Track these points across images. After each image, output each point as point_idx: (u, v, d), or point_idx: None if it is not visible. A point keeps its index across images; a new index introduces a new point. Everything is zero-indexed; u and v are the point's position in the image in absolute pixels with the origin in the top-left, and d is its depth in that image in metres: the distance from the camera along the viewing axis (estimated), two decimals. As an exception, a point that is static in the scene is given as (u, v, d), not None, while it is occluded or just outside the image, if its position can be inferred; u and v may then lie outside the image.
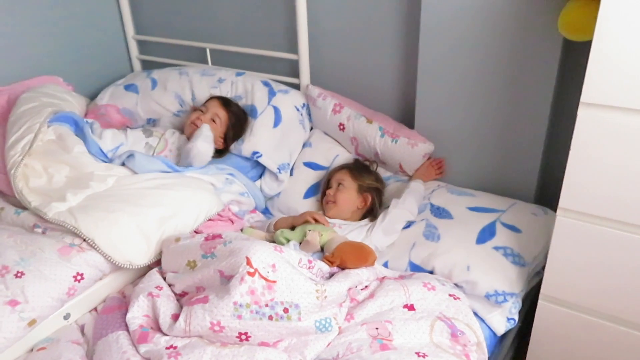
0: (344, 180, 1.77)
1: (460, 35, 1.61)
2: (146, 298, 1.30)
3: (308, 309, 1.23)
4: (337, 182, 1.77)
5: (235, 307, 1.20)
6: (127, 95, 2.16)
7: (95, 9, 2.36)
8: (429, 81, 1.73)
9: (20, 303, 1.23)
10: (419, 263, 1.52)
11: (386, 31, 1.84)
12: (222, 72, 2.14)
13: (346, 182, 1.76)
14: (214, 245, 1.37)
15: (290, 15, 1.98)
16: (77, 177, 1.59)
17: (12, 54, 2.11)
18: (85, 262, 1.37)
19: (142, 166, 1.68)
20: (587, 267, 1.26)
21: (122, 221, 1.47)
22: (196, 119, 1.93)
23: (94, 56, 2.39)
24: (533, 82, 1.56)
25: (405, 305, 1.33)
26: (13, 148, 1.62)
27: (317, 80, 2.05)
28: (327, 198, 1.77)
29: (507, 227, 1.55)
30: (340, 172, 1.81)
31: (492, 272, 1.43)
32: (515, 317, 1.41)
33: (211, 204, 1.67)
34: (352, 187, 1.75)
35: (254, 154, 1.91)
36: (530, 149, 1.66)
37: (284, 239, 1.54)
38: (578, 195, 1.20)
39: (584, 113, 1.12)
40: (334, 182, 1.78)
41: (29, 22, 2.14)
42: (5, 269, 1.28)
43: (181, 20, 2.34)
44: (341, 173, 1.80)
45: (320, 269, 1.41)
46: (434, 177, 1.84)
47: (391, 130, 1.85)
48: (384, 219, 1.62)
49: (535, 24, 1.48)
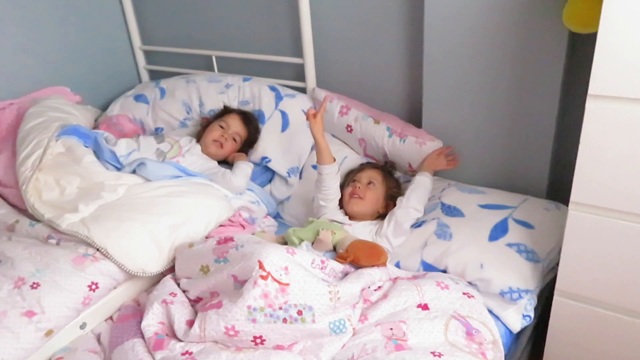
0: (375, 179, 1.72)
1: (464, 31, 1.60)
2: (160, 305, 1.31)
3: (322, 310, 1.23)
4: (368, 179, 1.72)
5: (249, 310, 1.20)
6: (137, 106, 2.18)
7: (102, 22, 2.40)
8: (435, 79, 1.73)
9: (36, 314, 1.25)
10: (431, 262, 1.52)
11: (390, 31, 1.85)
12: (228, 78, 2.16)
13: (377, 183, 1.72)
14: (227, 250, 1.38)
15: (294, 20, 1.99)
16: (88, 188, 1.61)
17: (22, 66, 2.15)
18: (99, 271, 1.39)
19: (154, 173, 1.70)
20: (602, 260, 1.25)
21: (133, 230, 1.48)
22: (220, 137, 1.92)
23: (102, 68, 2.43)
24: (540, 75, 1.55)
25: (419, 304, 1.33)
26: (24, 164, 1.66)
27: (323, 83, 2.06)
28: (356, 191, 1.68)
29: (520, 223, 1.54)
30: (372, 171, 1.76)
31: (506, 269, 1.42)
32: (531, 314, 1.40)
33: (222, 209, 1.68)
34: (381, 189, 1.71)
35: (263, 159, 1.92)
36: (539, 143, 1.65)
37: (296, 238, 1.55)
38: (589, 189, 1.19)
39: (592, 105, 1.11)
40: (364, 178, 1.72)
41: (38, 35, 2.18)
42: (21, 281, 1.30)
43: (186, 29, 2.36)
44: (374, 172, 1.75)
45: (333, 269, 1.41)
46: (446, 167, 1.77)
47: (399, 130, 1.85)
48: (391, 220, 1.60)
49: (540, 17, 1.47)
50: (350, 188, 1.72)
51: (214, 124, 1.97)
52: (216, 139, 1.93)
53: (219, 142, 1.92)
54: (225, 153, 1.94)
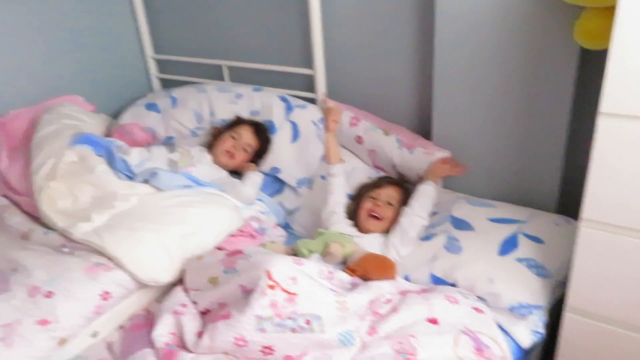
0: (394, 199, 1.73)
1: (475, 45, 1.61)
2: (171, 315, 1.32)
3: (330, 320, 1.24)
4: (387, 199, 1.72)
5: (257, 320, 1.21)
6: (149, 115, 2.20)
7: (115, 31, 2.43)
8: (445, 92, 1.74)
9: (50, 322, 1.26)
10: (441, 276, 1.52)
11: (400, 44, 1.86)
12: (239, 88, 2.17)
13: (395, 203, 1.72)
14: (235, 261, 1.39)
15: (305, 31, 2.01)
16: (101, 197, 1.63)
17: (37, 75, 2.18)
18: (111, 280, 1.40)
19: (166, 183, 1.71)
20: (613, 277, 1.24)
21: (145, 239, 1.50)
22: (232, 148, 1.94)
23: (115, 76, 2.46)
24: (550, 90, 1.55)
25: (429, 319, 1.33)
26: (37, 172, 1.68)
27: (333, 94, 2.07)
28: (375, 211, 1.69)
29: (529, 237, 1.54)
30: (390, 189, 1.76)
31: (516, 284, 1.42)
32: (541, 330, 1.39)
33: (232, 220, 1.69)
34: (397, 208, 1.72)
35: (274, 169, 1.93)
36: (549, 157, 1.65)
37: (305, 249, 1.55)
38: (600, 206, 1.18)
39: (603, 123, 1.11)
40: (384, 196, 1.73)
41: (52, 45, 2.21)
42: (35, 289, 1.32)
43: (198, 38, 2.38)
44: (392, 190, 1.75)
45: (340, 280, 1.42)
46: (451, 173, 1.78)
47: (408, 141, 1.86)
48: (397, 230, 1.62)
49: (551, 32, 1.48)
50: (369, 205, 1.72)
51: (226, 134, 1.98)
52: (228, 149, 1.94)
53: (230, 153, 1.94)
54: (236, 163, 1.96)
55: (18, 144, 1.93)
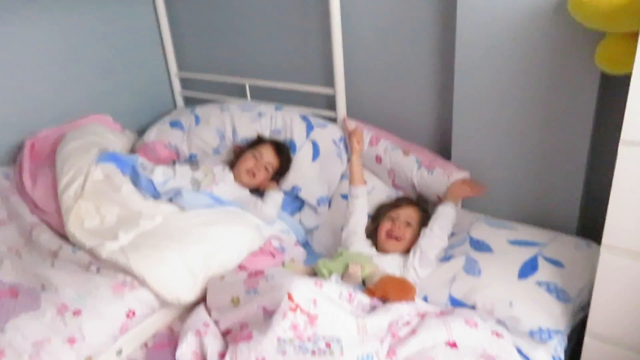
0: (413, 219, 1.73)
1: (496, 68, 1.62)
2: (194, 335, 1.35)
3: (349, 343, 1.25)
4: (407, 219, 1.73)
5: (279, 342, 1.23)
6: (173, 132, 2.25)
7: (142, 50, 2.51)
8: (465, 113, 1.75)
9: (77, 340, 1.30)
10: (460, 298, 1.51)
11: (421, 65, 1.87)
12: (261, 106, 2.21)
13: (414, 224, 1.73)
14: (257, 282, 1.41)
15: (326, 51, 2.04)
16: (127, 216, 1.68)
17: (66, 93, 2.26)
18: (136, 299, 1.44)
19: (190, 202, 1.76)
20: (635, 304, 1.23)
21: (169, 258, 1.53)
22: (254, 167, 1.97)
23: (140, 93, 2.53)
24: (571, 113, 1.55)
25: (448, 342, 1.32)
26: (66, 192, 1.73)
27: (354, 113, 2.09)
28: (395, 232, 1.70)
29: (550, 261, 1.53)
30: (410, 209, 1.76)
31: (535, 308, 1.41)
32: (561, 355, 1.38)
33: (253, 238, 1.72)
34: (416, 229, 1.72)
35: (294, 188, 1.95)
36: (570, 180, 1.64)
37: (325, 270, 1.57)
38: (622, 232, 1.18)
39: (624, 151, 1.10)
40: (403, 217, 1.73)
41: (81, 64, 2.29)
42: (64, 307, 1.36)
43: (221, 57, 2.44)
44: (411, 211, 1.76)
45: (360, 302, 1.43)
46: (471, 194, 1.78)
47: (427, 161, 1.87)
48: (416, 251, 1.62)
49: (572, 56, 1.48)
50: (388, 225, 1.72)
51: (248, 153, 2.02)
52: (249, 168, 1.97)
53: (252, 172, 1.97)
54: (257, 182, 1.99)
55: (44, 163, 1.97)
